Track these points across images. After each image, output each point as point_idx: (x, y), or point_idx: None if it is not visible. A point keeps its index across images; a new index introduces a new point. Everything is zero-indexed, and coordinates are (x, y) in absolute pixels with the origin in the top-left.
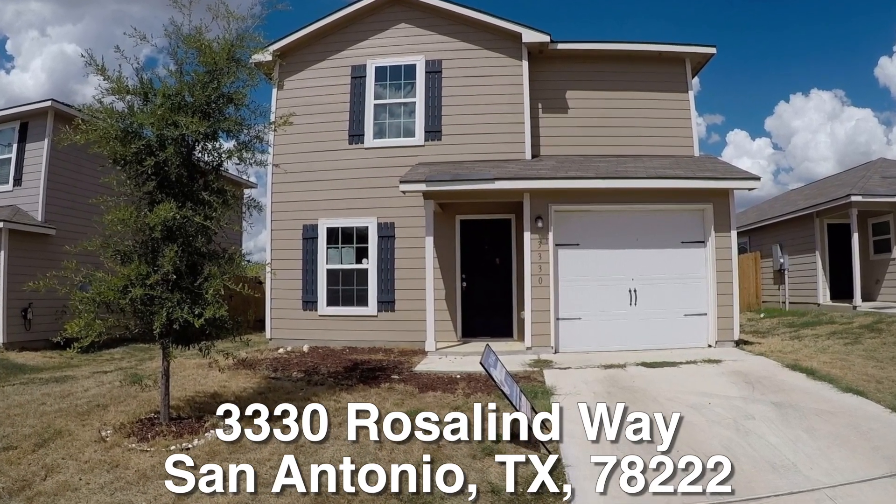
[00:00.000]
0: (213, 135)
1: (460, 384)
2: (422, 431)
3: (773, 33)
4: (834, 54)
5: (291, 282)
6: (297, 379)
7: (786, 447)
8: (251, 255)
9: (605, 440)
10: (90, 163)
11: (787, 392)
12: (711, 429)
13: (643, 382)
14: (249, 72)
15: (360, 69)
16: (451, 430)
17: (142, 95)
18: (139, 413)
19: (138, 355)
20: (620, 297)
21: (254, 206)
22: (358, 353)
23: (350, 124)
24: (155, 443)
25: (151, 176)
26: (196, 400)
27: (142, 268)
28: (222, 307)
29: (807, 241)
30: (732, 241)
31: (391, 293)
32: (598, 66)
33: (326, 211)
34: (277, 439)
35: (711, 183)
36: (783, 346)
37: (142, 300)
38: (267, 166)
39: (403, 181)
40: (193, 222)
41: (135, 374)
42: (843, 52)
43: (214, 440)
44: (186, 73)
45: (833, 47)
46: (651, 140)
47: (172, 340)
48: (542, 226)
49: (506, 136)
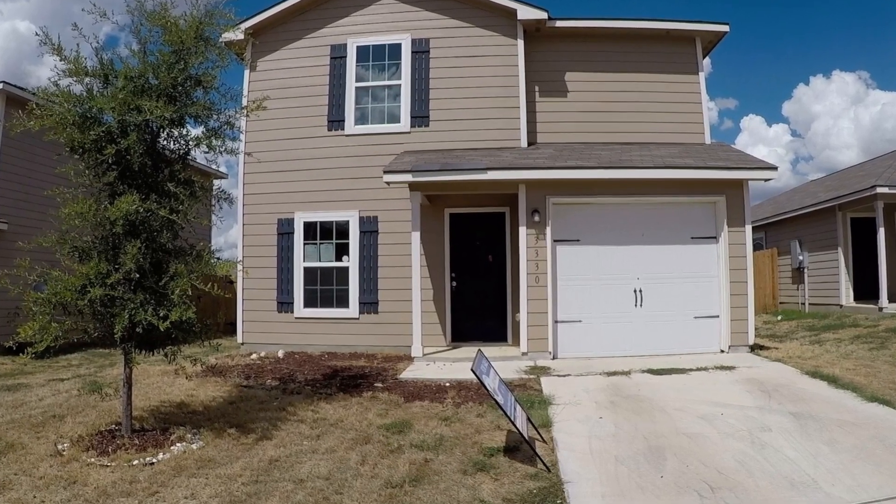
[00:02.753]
0: (179, 120)
1: (450, 393)
2: (408, 444)
3: (791, 9)
4: (858, 32)
5: (265, 281)
6: (271, 387)
7: (805, 462)
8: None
9: (608, 454)
10: (45, 151)
11: (807, 401)
12: (724, 442)
13: (649, 391)
14: (219, 52)
15: (340, 49)
16: (440, 443)
17: (102, 77)
18: (99, 424)
19: (98, 361)
20: (624, 298)
21: (224, 198)
22: (338, 358)
23: (329, 109)
24: (116, 457)
25: (112, 165)
26: (161, 410)
27: (102, 266)
28: (190, 309)
29: (828, 237)
30: (747, 236)
31: (374, 294)
32: (600, 45)
33: (303, 204)
34: (250, 453)
35: (724, 173)
36: (802, 351)
37: (102, 301)
38: (238, 155)
39: (388, 171)
40: (158, 216)
41: (94, 382)
42: (868, 29)
43: (181, 454)
44: (150, 53)
45: (857, 25)
46: (658, 126)
47: (135, 345)
48: (540, 220)
49: (500, 123)
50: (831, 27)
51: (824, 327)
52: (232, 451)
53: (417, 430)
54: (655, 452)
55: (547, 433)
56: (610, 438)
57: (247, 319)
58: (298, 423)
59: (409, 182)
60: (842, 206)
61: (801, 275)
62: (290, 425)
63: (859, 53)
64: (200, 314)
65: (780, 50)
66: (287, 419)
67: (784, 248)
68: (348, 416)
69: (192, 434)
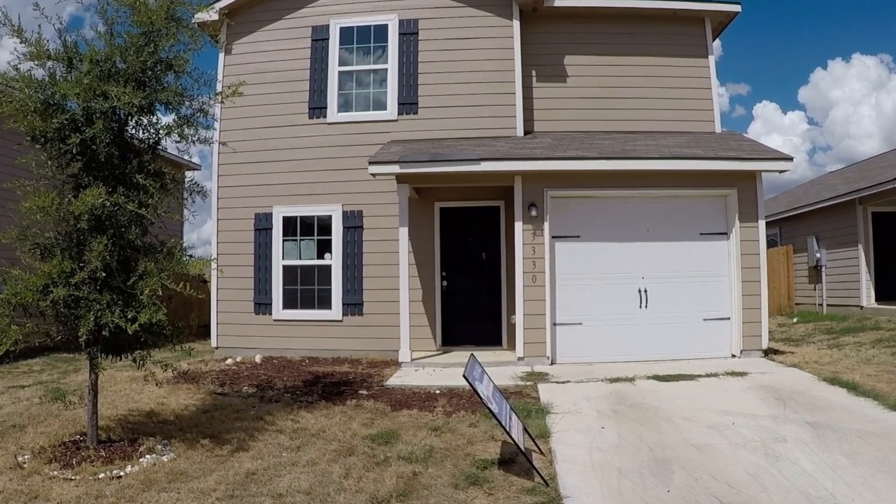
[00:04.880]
0: (149, 107)
1: (440, 401)
2: (395, 456)
3: None
4: (880, 13)
5: (241, 280)
6: (247, 395)
7: (823, 475)
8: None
9: (610, 467)
10: (5, 141)
11: (825, 410)
12: (735, 453)
13: (655, 399)
14: (192, 33)
15: (321, 30)
16: (430, 455)
17: (65, 61)
18: (62, 435)
19: (61, 367)
20: (628, 299)
21: (197, 191)
22: (320, 364)
23: (310, 95)
24: (81, 469)
25: (77, 156)
26: (129, 419)
27: (65, 264)
28: (160, 310)
29: (848, 233)
30: (760, 232)
31: (359, 294)
32: (602, 26)
33: (283, 197)
34: (225, 465)
35: (736, 164)
36: (820, 355)
37: (65, 302)
38: (213, 144)
39: (373, 162)
40: (126, 210)
41: (57, 389)
42: (890, 9)
43: (150, 466)
44: (118, 34)
45: (879, 4)
46: (665, 114)
47: (101, 349)
48: (537, 214)
49: (494, 110)
50: (851, 6)
51: (843, 330)
52: (205, 463)
53: (405, 440)
54: (661, 465)
55: (545, 444)
56: (613, 450)
57: (222, 322)
58: (277, 434)
59: (397, 174)
60: (862, 199)
61: (819, 274)
62: (268, 436)
63: (881, 35)
64: (172, 316)
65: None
66: (265, 429)
67: (800, 246)
68: (331, 426)
69: (163, 445)
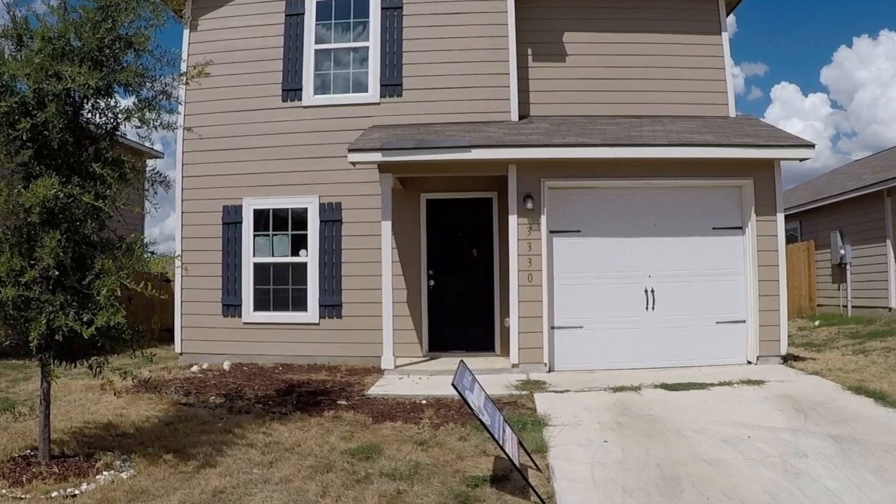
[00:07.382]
0: (106, 89)
1: (427, 412)
2: (377, 473)
3: None
4: None
5: (208, 280)
6: (215, 405)
7: (847, 493)
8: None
9: (614, 484)
10: None
11: (849, 422)
12: (752, 469)
13: (663, 410)
14: (154, 7)
15: (296, 4)
16: (415, 472)
17: (14, 38)
18: (11, 449)
19: (10, 375)
20: (633, 300)
21: (160, 181)
22: (294, 371)
23: (284, 76)
24: (31, 487)
25: (27, 143)
26: (85, 432)
27: (14, 261)
28: (119, 312)
29: (875, 227)
30: (779, 226)
31: (337, 294)
32: (605, 0)
33: (254, 188)
34: (190, 483)
35: (752, 151)
36: (844, 362)
37: (14, 303)
38: (177, 130)
39: (353, 149)
40: (81, 202)
41: (6, 400)
42: None
43: (108, 484)
44: (72, 9)
45: None
46: (673, 96)
47: (55, 355)
48: (533, 207)
49: (486, 92)
50: None
51: (870, 334)
52: (168, 480)
53: (388, 455)
54: (670, 482)
55: (542, 459)
56: (616, 466)
57: (186, 325)
58: (248, 448)
59: (379, 162)
60: (891, 190)
61: (843, 272)
62: (237, 450)
63: None
64: (132, 319)
65: (817, 6)
66: (234, 443)
67: (822, 241)
68: (306, 440)
69: (122, 461)
